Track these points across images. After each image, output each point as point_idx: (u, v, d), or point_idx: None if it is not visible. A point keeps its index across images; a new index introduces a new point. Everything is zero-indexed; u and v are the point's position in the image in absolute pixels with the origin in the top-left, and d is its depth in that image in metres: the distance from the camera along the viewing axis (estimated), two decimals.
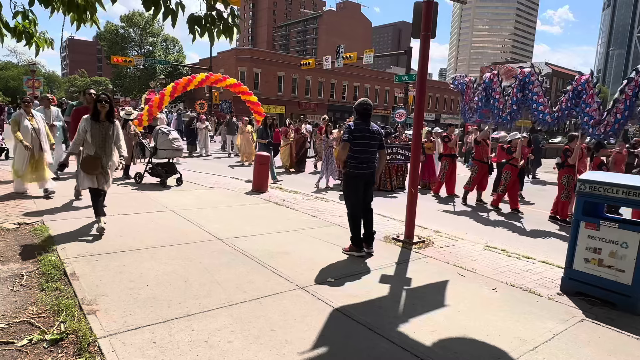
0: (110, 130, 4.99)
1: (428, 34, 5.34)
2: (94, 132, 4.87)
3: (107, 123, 4.97)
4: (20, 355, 2.54)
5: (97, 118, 4.89)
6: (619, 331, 3.29)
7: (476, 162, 9.22)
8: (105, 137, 4.93)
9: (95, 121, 4.88)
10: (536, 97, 7.37)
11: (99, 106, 4.89)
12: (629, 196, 3.69)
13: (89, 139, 4.86)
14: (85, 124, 4.87)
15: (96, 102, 4.89)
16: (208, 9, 3.02)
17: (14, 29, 3.15)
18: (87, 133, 4.86)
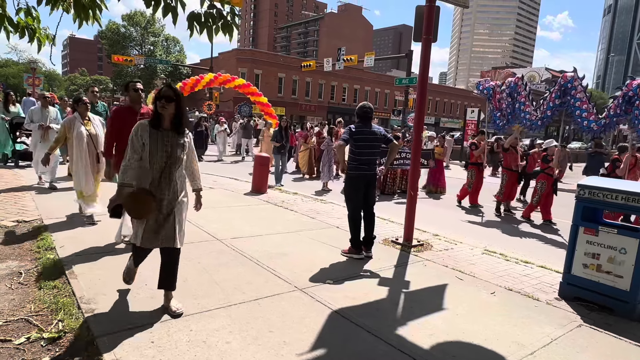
0: (178, 145, 3.05)
1: (429, 38, 5.35)
2: (153, 148, 2.96)
3: (173, 134, 3.04)
4: (17, 353, 2.53)
5: (159, 125, 3.01)
6: (616, 337, 3.29)
7: (505, 171, 8.77)
8: (170, 155, 3.01)
9: (155, 130, 3.00)
10: (579, 103, 6.93)
11: (159, 106, 2.96)
12: (628, 202, 3.70)
13: (145, 159, 2.99)
14: (141, 134, 2.97)
15: (155, 101, 3.02)
16: (208, 7, 3.03)
17: (17, 25, 3.15)
18: (143, 149, 2.98)
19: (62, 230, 4.93)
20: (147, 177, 3.01)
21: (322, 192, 9.96)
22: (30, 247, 4.33)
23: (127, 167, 2.98)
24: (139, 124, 3.02)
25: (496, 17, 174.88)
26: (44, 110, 7.55)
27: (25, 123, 7.65)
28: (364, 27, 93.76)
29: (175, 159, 3.04)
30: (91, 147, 5.28)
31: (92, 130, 5.35)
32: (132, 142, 2.97)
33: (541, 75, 59.22)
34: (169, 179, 3.06)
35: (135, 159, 2.97)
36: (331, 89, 51.34)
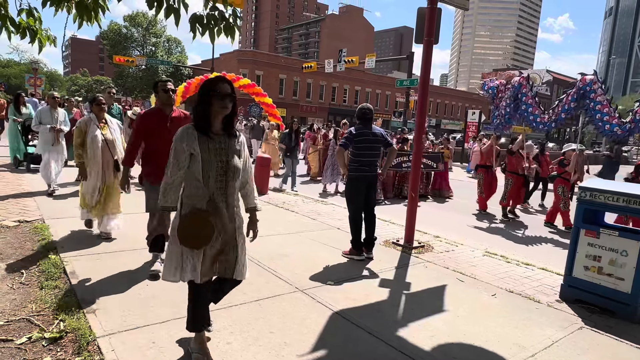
0: (234, 152, 2.49)
1: (431, 40, 5.36)
2: (206, 158, 2.38)
3: (226, 138, 2.47)
4: (19, 353, 2.54)
5: (208, 129, 2.41)
6: (617, 339, 3.29)
7: (511, 175, 8.46)
8: (228, 166, 2.44)
9: (206, 136, 2.40)
10: (600, 106, 6.68)
11: (220, 106, 2.39)
12: (629, 204, 3.70)
13: (197, 173, 2.38)
14: (188, 142, 2.37)
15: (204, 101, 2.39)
16: (210, 9, 3.05)
17: (18, 25, 3.17)
18: (192, 161, 2.39)
19: (64, 231, 4.94)
20: (201, 195, 2.39)
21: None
22: (31, 247, 4.33)
23: (170, 187, 2.38)
24: (183, 131, 2.39)
25: (497, 19, 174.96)
26: (53, 111, 7.19)
27: (34, 124, 7.20)
28: (365, 28, 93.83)
29: (233, 170, 2.45)
30: (106, 153, 4.68)
31: (109, 134, 4.74)
32: (176, 154, 2.37)
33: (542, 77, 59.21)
34: (226, 195, 2.45)
35: (179, 175, 2.38)
36: (332, 91, 51.38)
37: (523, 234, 7.37)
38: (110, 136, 4.77)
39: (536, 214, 9.44)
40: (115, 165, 4.75)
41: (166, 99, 3.85)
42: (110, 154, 4.74)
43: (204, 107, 2.39)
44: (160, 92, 3.84)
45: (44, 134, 7.05)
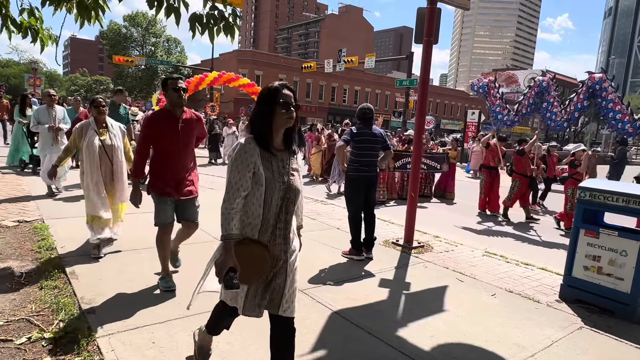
0: (295, 172, 2.19)
1: (431, 40, 5.36)
2: (270, 179, 2.05)
3: (287, 155, 2.15)
4: (18, 353, 2.53)
5: (270, 144, 2.08)
6: (617, 339, 3.29)
7: (519, 177, 8.26)
8: (289, 188, 2.11)
9: (269, 153, 2.07)
10: (612, 104, 6.64)
11: (286, 118, 2.06)
12: (628, 204, 3.70)
13: (257, 196, 2.05)
14: (251, 159, 2.02)
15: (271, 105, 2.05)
16: (210, 9, 3.05)
17: (20, 25, 3.17)
18: (256, 181, 2.04)
19: (63, 231, 4.93)
20: (257, 222, 2.05)
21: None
22: (31, 247, 4.33)
23: (232, 212, 2.00)
24: (245, 145, 2.00)
25: (497, 19, 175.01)
26: (50, 109, 6.95)
27: (32, 125, 7.02)
28: (365, 28, 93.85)
29: (295, 192, 2.13)
30: (105, 160, 4.24)
31: (108, 140, 4.28)
32: (239, 173, 1.99)
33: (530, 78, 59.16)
34: (285, 221, 2.12)
35: (242, 197, 2.02)
36: (332, 91, 51.38)
37: (522, 234, 7.37)
38: (109, 142, 4.28)
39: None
40: (111, 173, 4.32)
41: (176, 99, 3.40)
42: (110, 161, 4.27)
43: (265, 118, 2.04)
44: (169, 91, 3.40)
45: (43, 134, 6.89)
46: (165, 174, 3.43)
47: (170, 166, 3.45)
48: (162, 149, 3.44)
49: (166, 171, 3.44)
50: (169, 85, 3.40)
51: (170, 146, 3.41)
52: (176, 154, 3.45)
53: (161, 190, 3.42)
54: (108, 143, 4.29)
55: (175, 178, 3.46)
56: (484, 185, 8.69)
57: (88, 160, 4.17)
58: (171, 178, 3.45)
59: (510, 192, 8.39)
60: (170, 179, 3.44)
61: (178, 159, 3.47)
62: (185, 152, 3.52)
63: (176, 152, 3.45)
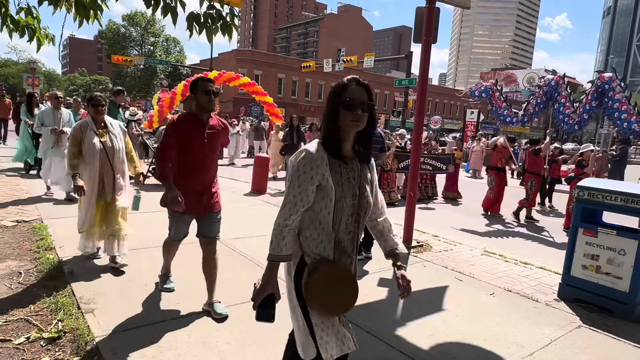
0: (368, 184, 1.85)
1: (429, 39, 5.36)
2: (339, 192, 1.72)
3: (357, 164, 1.81)
4: (17, 353, 2.53)
5: (340, 151, 1.75)
6: (615, 338, 3.30)
7: (534, 177, 8.13)
8: (360, 202, 1.79)
9: (338, 161, 1.74)
10: (618, 104, 6.57)
11: (352, 119, 1.70)
12: (627, 203, 3.71)
13: (326, 211, 1.72)
14: (317, 168, 1.68)
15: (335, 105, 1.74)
16: (207, 8, 3.05)
17: (17, 24, 3.17)
18: (323, 196, 1.71)
19: (62, 231, 4.92)
20: (326, 240, 1.74)
21: None
22: (29, 247, 4.33)
23: (286, 229, 1.69)
24: (311, 153, 1.68)
25: (496, 19, 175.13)
26: (56, 112, 6.68)
27: (36, 126, 6.75)
28: (364, 28, 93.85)
29: (365, 207, 1.81)
30: (105, 165, 3.88)
31: (109, 142, 3.93)
32: (300, 186, 1.66)
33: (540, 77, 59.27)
34: (354, 240, 1.82)
35: (299, 213, 1.69)
36: None
37: (521, 233, 7.38)
38: (110, 144, 3.92)
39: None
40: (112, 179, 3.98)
41: (206, 103, 3.07)
42: (110, 165, 3.92)
43: (331, 120, 1.72)
44: (200, 93, 3.05)
45: (46, 136, 6.69)
46: (187, 184, 3.08)
47: (193, 176, 3.13)
48: (186, 157, 3.10)
49: (188, 181, 3.10)
50: (200, 87, 3.06)
51: (194, 154, 3.09)
52: (200, 162, 3.13)
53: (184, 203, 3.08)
54: (109, 145, 3.93)
55: (198, 189, 3.14)
56: (494, 186, 8.47)
57: (89, 163, 3.82)
58: (193, 189, 3.11)
59: (527, 193, 8.19)
60: (191, 190, 3.10)
61: (201, 168, 3.15)
62: (210, 160, 3.19)
63: (200, 160, 3.13)
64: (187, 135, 3.07)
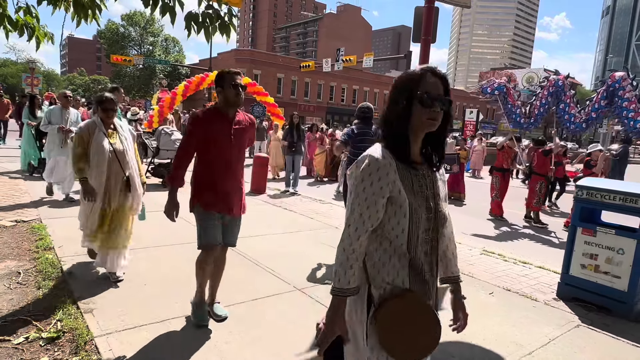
0: (439, 191, 1.53)
1: (428, 39, 5.38)
2: (414, 205, 1.42)
3: (428, 171, 1.52)
4: (16, 352, 2.53)
5: (408, 156, 1.44)
6: (614, 337, 3.31)
7: (541, 177, 7.90)
8: (436, 214, 1.49)
9: (408, 167, 1.44)
10: (627, 103, 6.49)
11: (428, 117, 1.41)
12: (625, 203, 3.72)
13: (398, 229, 1.42)
14: (385, 177, 1.38)
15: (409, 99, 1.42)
16: (205, 7, 3.05)
17: (16, 23, 3.17)
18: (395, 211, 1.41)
19: (61, 230, 4.92)
20: (401, 264, 1.45)
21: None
22: (28, 247, 4.32)
23: (353, 256, 1.40)
24: (372, 156, 1.41)
25: (495, 18, 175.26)
26: (64, 111, 6.55)
27: (42, 124, 6.62)
28: (363, 27, 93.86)
29: (442, 220, 1.54)
30: (115, 167, 3.59)
31: (119, 144, 3.65)
32: (368, 200, 1.39)
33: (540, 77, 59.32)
34: (432, 262, 1.56)
35: (368, 233, 1.41)
36: (330, 90, 51.37)
37: (520, 233, 7.39)
38: (120, 146, 3.65)
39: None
40: (126, 183, 3.68)
41: (234, 97, 2.84)
42: (121, 168, 3.62)
43: (400, 118, 1.43)
44: (227, 86, 2.83)
45: (52, 135, 6.55)
46: (215, 184, 2.87)
47: (220, 176, 2.88)
48: (211, 156, 2.87)
49: (215, 182, 2.87)
50: (226, 79, 2.83)
51: (221, 152, 2.86)
52: (227, 161, 2.90)
53: (210, 204, 2.87)
54: (119, 148, 3.63)
55: (226, 190, 2.90)
56: (499, 187, 8.19)
57: (95, 165, 3.52)
58: (221, 190, 2.88)
59: (537, 195, 7.94)
60: (220, 191, 2.88)
61: (229, 167, 2.91)
62: (237, 159, 2.97)
63: (227, 159, 2.90)
64: (212, 133, 2.83)
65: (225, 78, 2.86)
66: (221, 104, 2.92)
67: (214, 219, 2.91)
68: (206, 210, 2.88)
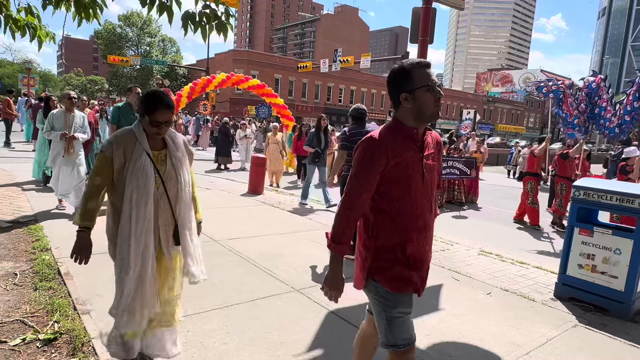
0: None
1: (426, 40, 5.39)
2: None
3: None
4: (13, 354, 2.52)
5: None
6: (611, 337, 3.32)
7: (565, 180, 7.64)
8: None
9: None
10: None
11: None
12: (622, 203, 3.73)
13: None
14: None
15: None
16: (202, 7, 3.06)
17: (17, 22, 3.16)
18: None
19: (58, 231, 4.90)
20: None
21: None
22: (25, 248, 4.30)
23: None
24: None
25: (492, 19, 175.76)
26: (68, 115, 5.80)
27: (45, 130, 5.89)
28: (361, 28, 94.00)
29: None
30: (163, 210, 2.26)
31: (171, 171, 2.27)
32: None
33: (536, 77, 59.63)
34: None
35: None
36: (328, 90, 51.42)
37: (518, 233, 7.40)
38: (172, 175, 2.27)
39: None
40: (174, 233, 2.31)
41: (433, 107, 1.80)
42: (172, 212, 2.29)
43: None
44: (422, 89, 1.77)
45: (55, 142, 5.80)
46: (405, 247, 1.86)
47: (413, 232, 1.86)
48: (399, 202, 1.83)
49: (407, 242, 1.86)
50: (418, 77, 1.77)
51: (412, 194, 1.83)
52: (421, 209, 1.87)
53: (402, 279, 1.87)
54: (172, 176, 2.27)
55: (420, 252, 1.91)
56: (534, 194, 7.74)
57: (135, 206, 2.15)
58: (414, 253, 1.88)
59: (559, 198, 7.78)
60: (414, 257, 1.89)
61: (422, 215, 1.89)
62: (430, 203, 1.95)
63: (421, 206, 1.87)
64: (401, 165, 1.79)
65: (413, 75, 1.77)
66: (406, 117, 1.82)
67: (409, 303, 1.91)
68: (396, 291, 1.88)
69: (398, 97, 1.81)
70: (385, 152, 1.77)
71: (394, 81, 1.85)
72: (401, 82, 1.81)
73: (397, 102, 1.83)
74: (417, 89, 1.76)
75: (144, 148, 2.20)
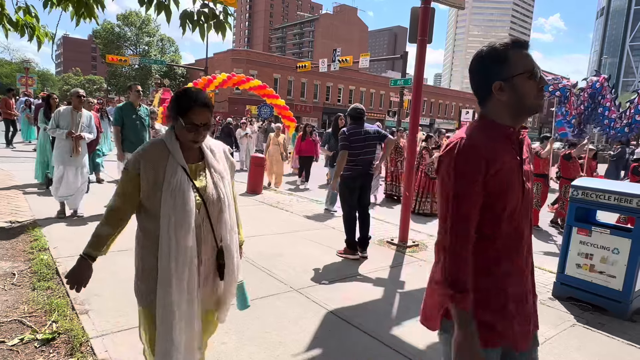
0: None
1: (424, 39, 5.38)
2: None
3: None
4: (11, 354, 2.51)
5: None
6: (609, 336, 3.33)
7: (567, 182, 7.31)
8: None
9: None
10: None
11: None
12: (620, 203, 3.74)
13: None
14: None
15: None
16: (201, 6, 3.05)
17: (16, 23, 3.15)
18: None
19: (56, 231, 4.90)
20: None
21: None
22: (23, 248, 4.29)
23: None
24: None
25: (490, 19, 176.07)
26: (75, 113, 5.61)
27: (50, 128, 5.63)
28: (359, 28, 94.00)
29: None
30: (204, 235, 1.89)
31: (211, 189, 1.88)
32: None
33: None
34: None
35: None
36: (326, 90, 51.41)
37: None
38: (213, 193, 1.88)
39: None
40: (219, 266, 1.96)
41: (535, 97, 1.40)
42: (213, 237, 1.92)
43: None
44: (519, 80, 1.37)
45: (60, 140, 5.56)
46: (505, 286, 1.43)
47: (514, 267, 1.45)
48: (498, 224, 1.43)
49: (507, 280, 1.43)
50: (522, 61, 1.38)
51: (513, 214, 1.43)
52: (521, 233, 1.47)
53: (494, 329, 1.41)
54: (212, 196, 1.88)
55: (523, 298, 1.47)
56: (540, 195, 7.60)
57: (172, 233, 1.81)
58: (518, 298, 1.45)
59: (562, 201, 7.67)
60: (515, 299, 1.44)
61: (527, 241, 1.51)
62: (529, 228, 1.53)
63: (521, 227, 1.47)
64: (502, 171, 1.37)
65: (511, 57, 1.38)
66: (500, 112, 1.43)
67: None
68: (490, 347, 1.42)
69: (489, 87, 1.41)
70: (484, 158, 1.34)
71: (483, 67, 1.44)
72: (494, 67, 1.40)
73: (487, 94, 1.44)
74: (517, 75, 1.37)
75: (177, 161, 1.79)
